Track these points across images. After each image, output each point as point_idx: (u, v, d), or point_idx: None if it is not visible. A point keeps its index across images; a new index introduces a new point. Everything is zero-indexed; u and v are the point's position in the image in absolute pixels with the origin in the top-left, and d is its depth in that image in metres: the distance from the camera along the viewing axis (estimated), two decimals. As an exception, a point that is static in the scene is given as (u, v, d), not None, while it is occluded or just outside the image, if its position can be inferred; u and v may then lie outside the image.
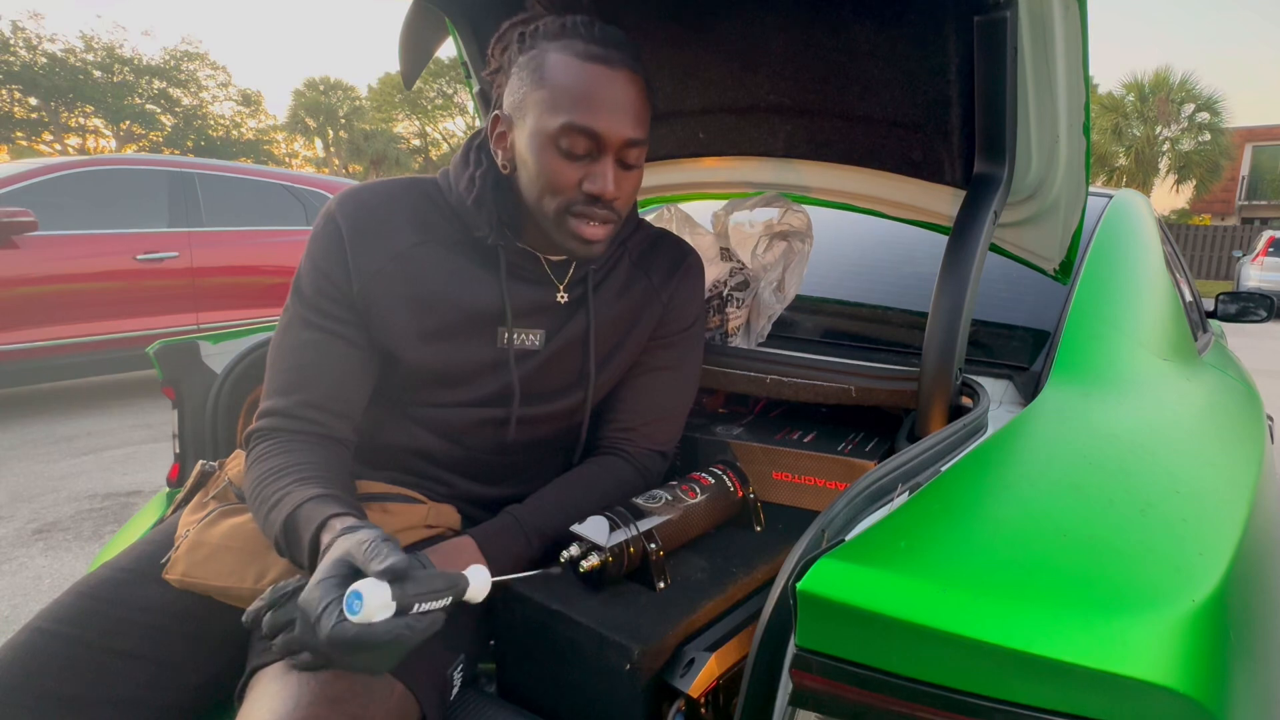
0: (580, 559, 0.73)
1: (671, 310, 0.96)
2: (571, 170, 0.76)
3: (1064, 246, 1.00)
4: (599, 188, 0.76)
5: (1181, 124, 20.78)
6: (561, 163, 0.75)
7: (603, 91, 0.74)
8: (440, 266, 0.82)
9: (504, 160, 0.81)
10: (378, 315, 0.80)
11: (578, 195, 0.77)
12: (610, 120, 0.74)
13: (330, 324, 0.79)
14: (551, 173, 0.76)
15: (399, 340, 0.80)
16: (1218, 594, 0.48)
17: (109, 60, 20.20)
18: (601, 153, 0.76)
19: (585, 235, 0.78)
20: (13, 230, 3.55)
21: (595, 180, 0.76)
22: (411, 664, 0.66)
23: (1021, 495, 0.62)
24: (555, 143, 0.75)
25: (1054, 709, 0.42)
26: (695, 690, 0.64)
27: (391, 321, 0.80)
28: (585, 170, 0.76)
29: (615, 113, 0.75)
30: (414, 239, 0.81)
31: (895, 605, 0.45)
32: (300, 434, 0.76)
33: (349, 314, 0.80)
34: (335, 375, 0.79)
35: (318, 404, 0.77)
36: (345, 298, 0.79)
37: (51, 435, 3.52)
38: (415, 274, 0.80)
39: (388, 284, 0.79)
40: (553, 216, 0.78)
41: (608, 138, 0.75)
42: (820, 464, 0.98)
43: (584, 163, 0.76)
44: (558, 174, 0.76)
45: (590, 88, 0.74)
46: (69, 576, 2.14)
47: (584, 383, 0.90)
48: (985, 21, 0.79)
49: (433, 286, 0.81)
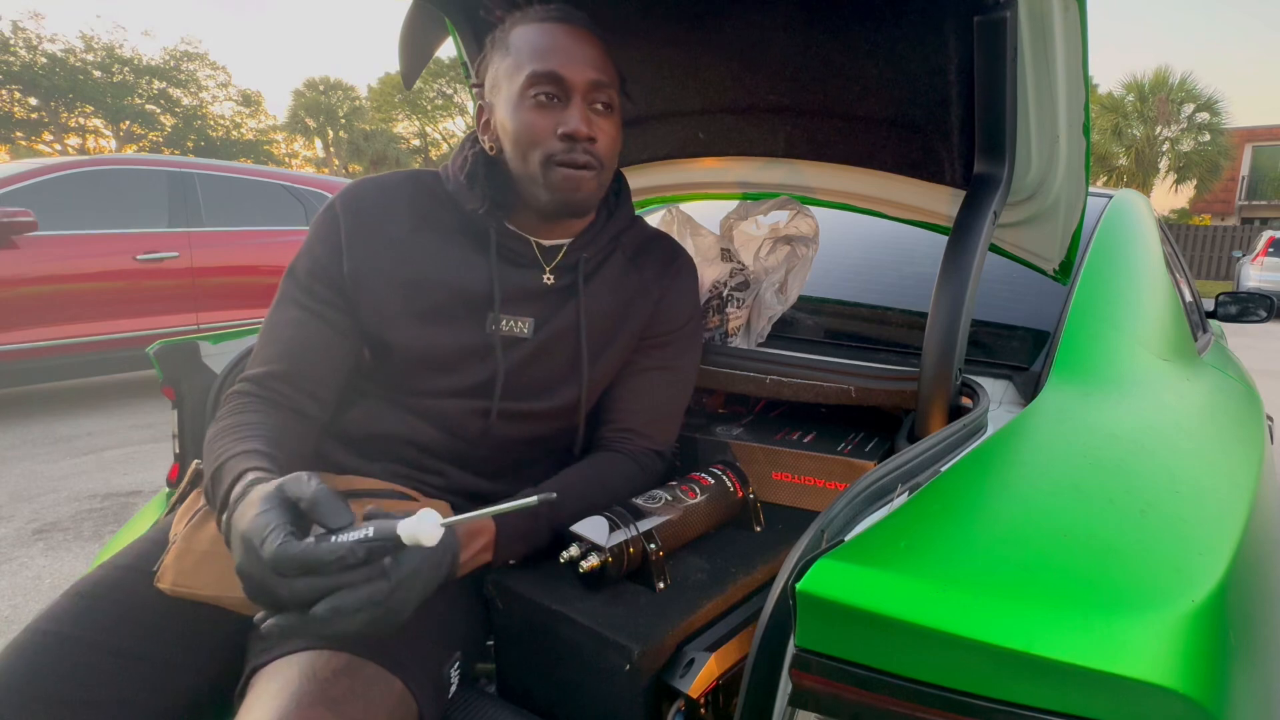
0: (580, 559, 0.73)
1: (663, 308, 0.96)
2: (544, 118, 0.80)
3: (1064, 247, 1.00)
4: (572, 127, 0.79)
5: (1181, 124, 20.79)
6: (534, 114, 0.79)
7: (561, 42, 0.80)
8: (433, 251, 0.85)
9: (490, 142, 0.85)
10: (368, 297, 0.83)
11: (555, 143, 0.80)
12: (572, 64, 0.80)
13: (315, 305, 0.83)
14: (527, 124, 0.79)
15: (388, 322, 0.83)
16: (1217, 594, 0.48)
17: (109, 60, 20.18)
18: (569, 96, 0.80)
19: (570, 184, 0.81)
20: (13, 230, 3.55)
21: (568, 121, 0.79)
22: (408, 662, 0.66)
23: (1021, 495, 0.62)
24: (525, 96, 0.79)
25: (1053, 709, 0.42)
26: (695, 690, 0.64)
27: (382, 303, 0.83)
28: (558, 116, 0.80)
29: (576, 58, 0.80)
30: (410, 225, 0.85)
31: (895, 605, 0.45)
32: (264, 400, 0.80)
33: (336, 298, 0.83)
34: (310, 354, 0.83)
35: (286, 377, 0.81)
36: (335, 281, 0.83)
37: (51, 435, 3.52)
38: (408, 257, 0.84)
39: (380, 267, 0.83)
40: (539, 172, 0.81)
41: (572, 80, 0.79)
42: (820, 464, 0.98)
43: (555, 110, 0.80)
44: (532, 124, 0.79)
45: (549, 40, 0.80)
46: (69, 576, 2.14)
47: (577, 378, 0.90)
48: (985, 21, 0.79)
49: (424, 269, 0.84)
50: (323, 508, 0.56)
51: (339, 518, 0.56)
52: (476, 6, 1.08)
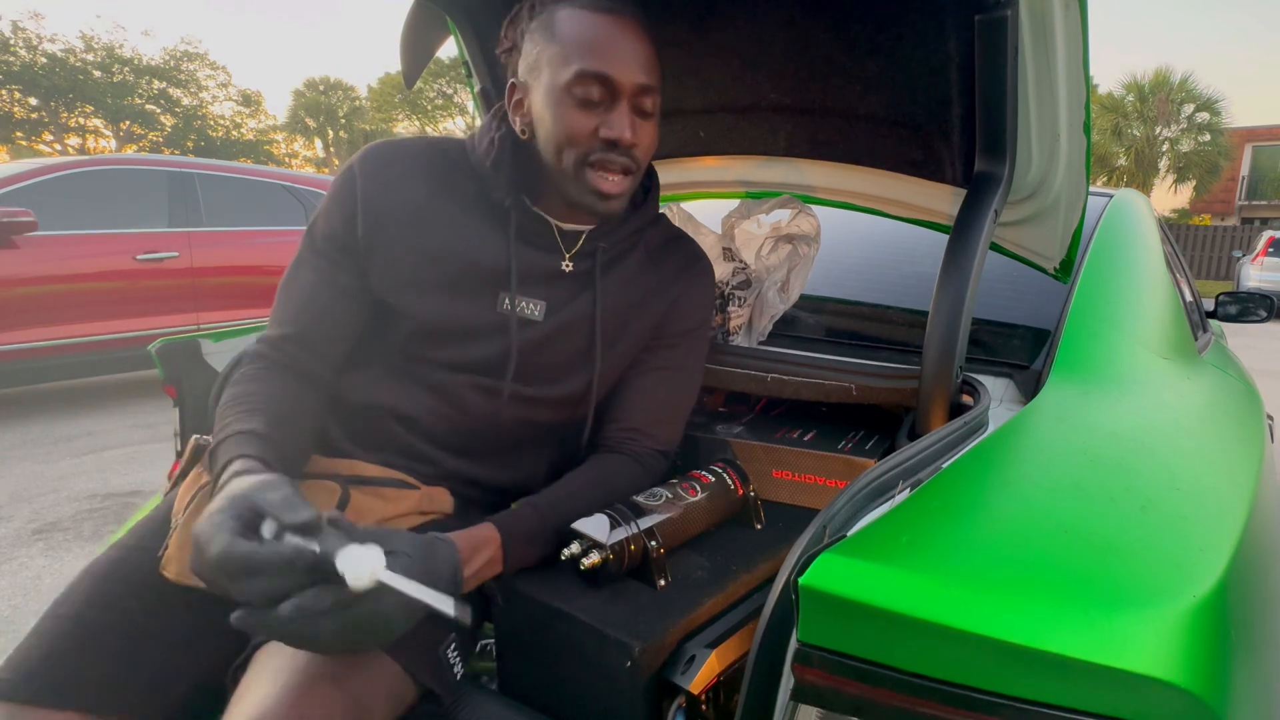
0: (581, 556, 0.73)
1: (677, 309, 0.95)
2: (587, 119, 0.77)
3: (1064, 245, 1.00)
4: (616, 133, 0.77)
5: (1181, 124, 20.80)
6: (577, 113, 0.76)
7: (614, 39, 0.76)
8: (450, 221, 0.83)
9: (522, 125, 0.82)
10: (380, 260, 0.82)
11: (595, 144, 0.78)
12: (622, 66, 0.76)
13: (329, 268, 0.83)
14: (568, 123, 0.77)
15: (400, 289, 0.82)
16: (1218, 590, 0.48)
17: (109, 60, 20.16)
18: (615, 99, 0.77)
19: (603, 189, 0.79)
20: (13, 230, 3.55)
21: (612, 126, 0.77)
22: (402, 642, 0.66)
23: (1022, 492, 0.62)
24: (570, 92, 0.76)
25: (1055, 703, 0.42)
26: (696, 687, 0.64)
27: (394, 268, 0.82)
28: (601, 118, 0.77)
29: (627, 59, 0.76)
30: (427, 191, 0.83)
31: (897, 600, 0.45)
32: (276, 364, 0.81)
33: (348, 260, 0.83)
34: (325, 317, 0.83)
35: (300, 340, 0.82)
36: (349, 244, 0.82)
37: (51, 435, 3.52)
38: (423, 224, 0.82)
39: (394, 230, 0.81)
40: (572, 170, 0.79)
41: (621, 83, 0.76)
42: (821, 462, 0.98)
43: (599, 110, 0.77)
44: (574, 124, 0.77)
45: (601, 36, 0.76)
46: (69, 576, 2.12)
47: (589, 368, 0.89)
48: (986, 20, 0.79)
49: (439, 238, 0.83)
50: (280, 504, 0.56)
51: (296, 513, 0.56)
52: (477, 6, 1.08)
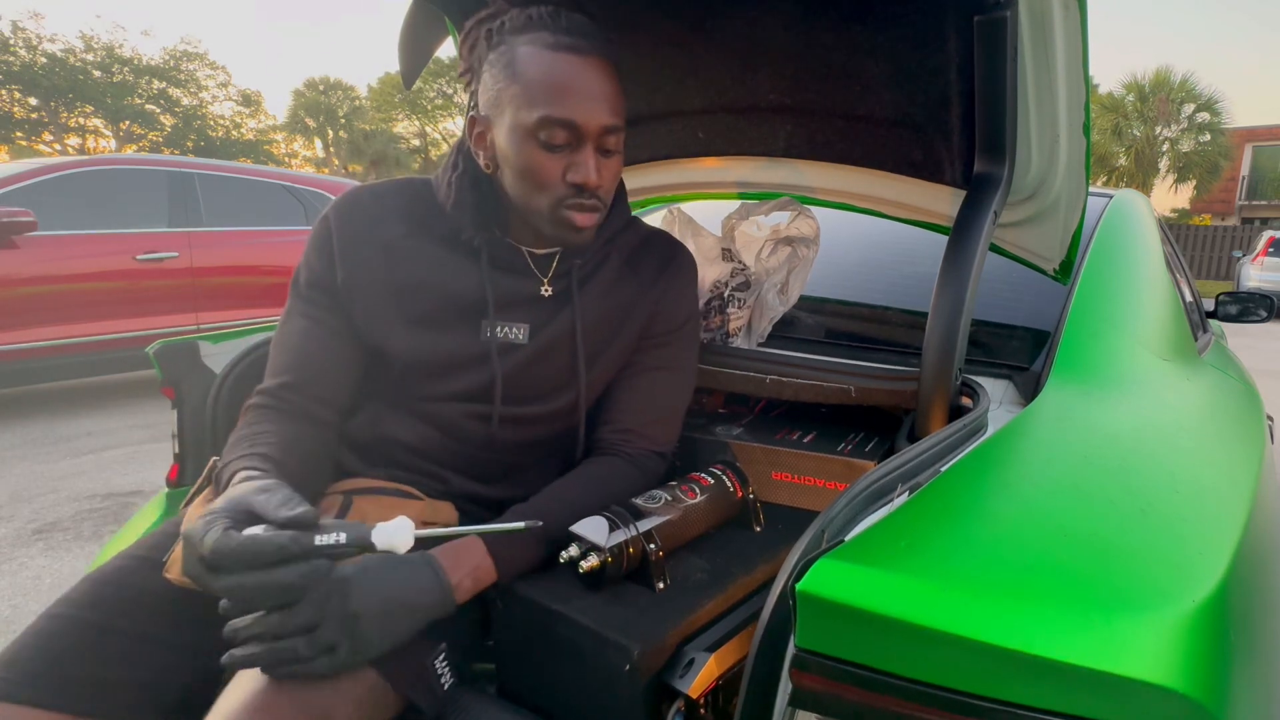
0: (580, 559, 0.73)
1: (661, 309, 0.95)
2: (553, 162, 0.77)
3: (1064, 246, 0.99)
4: (582, 177, 0.77)
5: (1181, 124, 20.79)
6: (543, 156, 0.77)
7: (576, 81, 0.75)
8: (425, 257, 0.85)
9: (486, 160, 0.82)
10: (362, 304, 0.83)
11: (564, 188, 0.78)
12: (587, 109, 0.76)
13: (318, 314, 0.84)
14: (535, 167, 0.77)
15: (383, 328, 0.83)
16: (1218, 594, 0.48)
17: (109, 60, 20.15)
18: (581, 143, 0.77)
19: (578, 224, 0.81)
20: (13, 230, 3.54)
21: (578, 170, 0.77)
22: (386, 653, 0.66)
23: (1022, 495, 0.62)
24: (534, 136, 0.76)
25: (1054, 709, 0.42)
26: (695, 690, 0.64)
27: (375, 309, 0.83)
28: (567, 160, 0.78)
29: (591, 101, 0.76)
30: (401, 231, 0.85)
31: (895, 605, 0.45)
32: (278, 411, 0.81)
33: (334, 304, 0.84)
34: (319, 362, 0.84)
35: (297, 387, 0.83)
36: (331, 289, 0.84)
37: (51, 435, 3.52)
38: (400, 263, 0.84)
39: (372, 273, 0.83)
40: (547, 213, 0.80)
41: (586, 127, 0.76)
42: (820, 464, 0.98)
43: (564, 153, 0.77)
44: (540, 168, 0.77)
45: (563, 78, 0.75)
46: (69, 576, 2.14)
47: (574, 383, 0.90)
48: (985, 21, 0.79)
49: (417, 275, 0.84)
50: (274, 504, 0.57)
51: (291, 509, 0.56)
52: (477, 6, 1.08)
